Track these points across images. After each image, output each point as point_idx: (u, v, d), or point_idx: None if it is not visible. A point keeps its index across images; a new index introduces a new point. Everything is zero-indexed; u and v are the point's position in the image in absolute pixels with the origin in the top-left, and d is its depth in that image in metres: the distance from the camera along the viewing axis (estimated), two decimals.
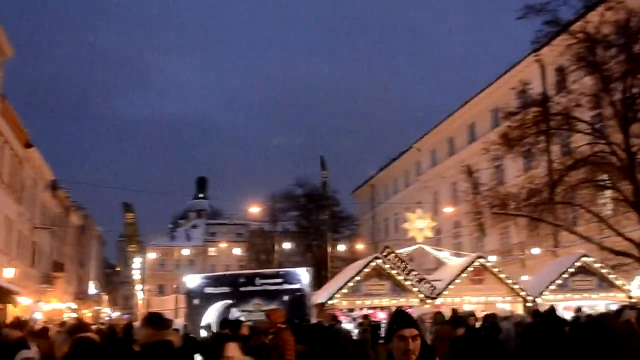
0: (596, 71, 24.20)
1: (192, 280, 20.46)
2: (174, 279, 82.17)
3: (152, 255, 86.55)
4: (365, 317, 17.83)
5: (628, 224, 24.19)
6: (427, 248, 24.18)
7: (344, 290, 18.81)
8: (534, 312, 15.08)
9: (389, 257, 19.55)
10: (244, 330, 11.47)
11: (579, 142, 26.24)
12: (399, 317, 3.76)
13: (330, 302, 18.65)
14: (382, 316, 19.32)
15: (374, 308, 19.56)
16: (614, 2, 23.95)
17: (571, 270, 18.57)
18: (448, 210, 43.68)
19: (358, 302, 19.22)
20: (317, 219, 63.42)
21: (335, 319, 15.60)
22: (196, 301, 19.87)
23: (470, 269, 18.95)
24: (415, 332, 3.66)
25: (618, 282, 18.32)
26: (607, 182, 24.83)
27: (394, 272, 18.95)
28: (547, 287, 18.43)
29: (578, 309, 17.19)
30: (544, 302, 17.80)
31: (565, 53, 25.21)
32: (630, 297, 18.12)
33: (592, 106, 25.35)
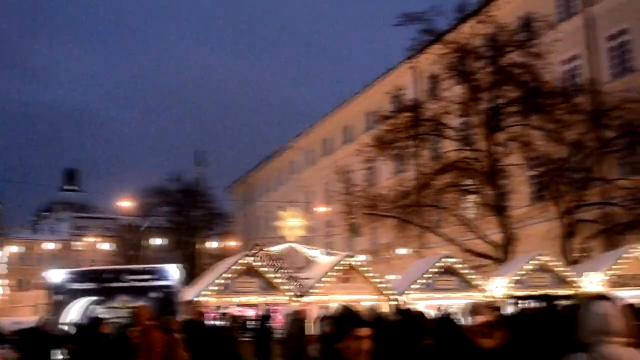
0: (466, 81, 25.28)
1: (56, 275, 19.58)
2: (36, 274, 78.50)
3: (14, 249, 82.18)
4: (232, 314, 17.79)
5: (489, 227, 25.43)
6: (298, 246, 24.36)
7: (214, 288, 18.60)
8: (398, 310, 15.52)
9: (258, 255, 19.54)
10: (104, 328, 11.11)
11: (447, 147, 27.31)
12: (352, 316, 3.60)
13: (198, 299, 18.38)
14: (251, 313, 19.31)
15: (244, 305, 19.51)
16: (485, 16, 25.09)
17: (435, 270, 19.24)
18: (321, 209, 44.24)
19: (227, 300, 19.10)
20: (190, 215, 62.41)
21: (201, 316, 15.38)
22: (59, 297, 19.04)
23: (338, 267, 19.25)
24: (370, 331, 3.49)
25: (477, 283, 19.21)
26: (472, 187, 25.97)
27: (263, 269, 18.93)
28: (412, 286, 19.06)
29: (439, 308, 17.94)
30: (408, 301, 18.39)
31: (438, 62, 26.12)
32: (486, 297, 19.05)
33: (461, 114, 26.42)
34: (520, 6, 31.93)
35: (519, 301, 18.65)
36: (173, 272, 18.55)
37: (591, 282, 18.91)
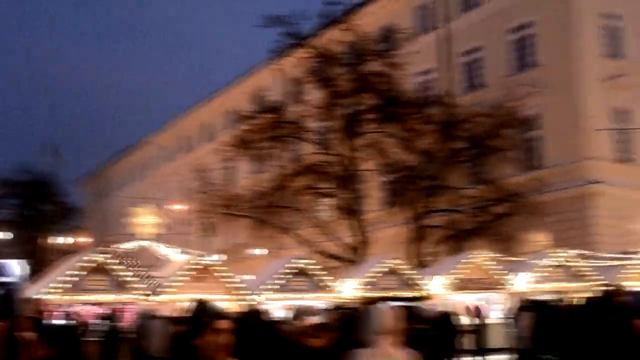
0: (326, 86, 25.76)
1: None
2: None
3: None
4: (77, 313, 17.16)
5: (344, 230, 26.05)
6: (152, 244, 23.80)
7: (59, 285, 17.79)
8: (250, 311, 15.55)
9: (109, 252, 18.90)
10: None
11: (306, 150, 27.70)
12: (209, 309, 3.38)
13: (41, 296, 17.51)
14: (99, 312, 18.67)
15: (93, 304, 18.82)
16: (348, 24, 25.69)
17: (288, 271, 19.43)
18: (178, 207, 43.51)
19: (75, 298, 18.33)
20: (39, 209, 59.47)
21: (40, 314, 14.67)
22: None
23: (192, 266, 19.00)
24: (229, 324, 3.32)
25: (329, 284, 19.60)
26: (328, 190, 26.49)
27: (113, 267, 18.33)
28: (265, 287, 19.14)
29: (291, 308, 18.12)
30: (262, 302, 18.45)
31: (300, 65, 26.43)
32: (339, 298, 19.47)
33: (322, 118, 26.86)
34: (382, 17, 33.03)
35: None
36: (15, 268, 17.57)
37: (436, 285, 19.81)
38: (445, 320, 17.33)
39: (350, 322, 11.57)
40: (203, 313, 3.38)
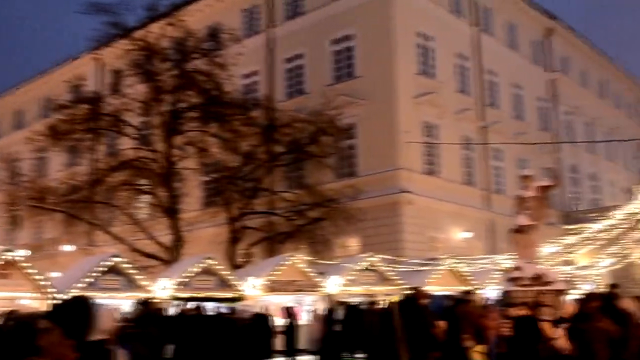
0: (150, 80, 25.16)
1: None
2: None
3: None
4: None
5: (160, 229, 25.58)
6: None
7: None
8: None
9: None
10: None
11: (125, 145, 26.90)
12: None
13: None
14: None
15: None
16: (175, 19, 25.28)
17: (100, 269, 18.73)
18: None
19: None
20: None
21: None
22: None
23: None
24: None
25: (143, 283, 19.16)
26: (146, 187, 25.90)
27: None
28: (75, 284, 18.32)
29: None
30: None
31: (123, 57, 25.62)
32: (153, 298, 19.10)
33: (142, 113, 26.21)
34: (210, 16, 32.87)
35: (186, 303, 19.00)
36: None
37: (252, 286, 20.03)
38: (260, 321, 17.58)
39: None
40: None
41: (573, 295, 17.58)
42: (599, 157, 45.09)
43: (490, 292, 21.26)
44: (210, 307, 18.49)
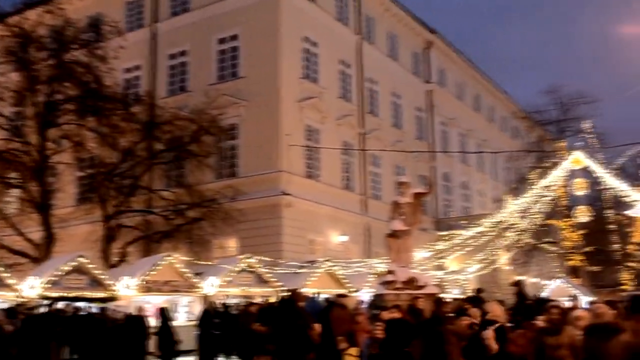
0: (24, 69, 24.08)
1: None
2: None
3: None
4: None
5: (31, 225, 24.49)
6: None
7: None
8: None
9: None
10: None
11: None
12: None
13: None
14: None
15: None
16: (55, 7, 24.34)
17: None
18: None
19: None
20: None
21: None
22: None
23: None
24: None
25: (10, 282, 18.29)
26: (16, 180, 24.75)
27: None
28: None
29: None
30: None
31: None
32: (21, 297, 18.28)
33: (15, 103, 25.06)
34: (92, 6, 31.86)
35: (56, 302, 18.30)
36: None
37: (126, 286, 19.57)
38: (133, 322, 17.20)
39: None
40: None
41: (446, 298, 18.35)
42: (471, 168, 47.27)
43: (365, 294, 21.80)
44: (81, 307, 17.96)
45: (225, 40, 30.73)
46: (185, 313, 20.77)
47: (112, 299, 19.11)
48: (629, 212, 28.25)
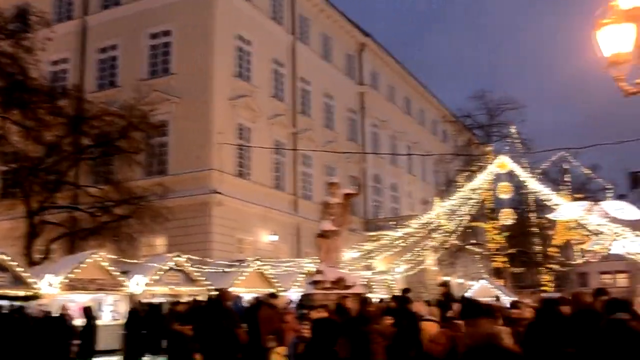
0: None
1: None
2: None
3: None
4: None
5: None
6: None
7: None
8: None
9: None
10: None
11: None
12: None
13: None
14: None
15: None
16: None
17: None
18: None
19: None
20: None
21: None
22: None
23: None
24: None
25: None
26: None
27: None
28: None
29: None
30: None
31: None
32: None
33: None
34: None
35: None
36: None
37: (50, 284, 19.08)
38: (56, 321, 16.81)
39: None
40: None
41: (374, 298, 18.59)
42: (401, 169, 47.97)
43: (294, 294, 21.89)
44: (2, 305, 17.43)
45: (157, 35, 30.31)
46: (111, 312, 20.39)
47: (34, 297, 18.58)
48: (550, 216, 29.16)
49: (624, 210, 24.76)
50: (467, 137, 43.08)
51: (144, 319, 17.76)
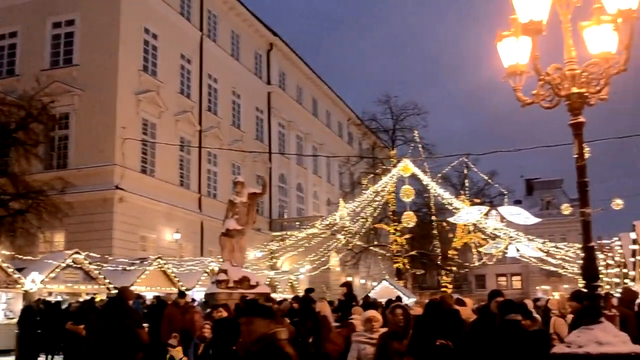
0: None
1: None
2: None
3: None
4: None
5: None
6: None
7: None
8: None
9: None
10: None
11: None
12: None
13: None
14: None
15: None
16: None
17: None
18: None
19: None
20: None
21: None
22: None
23: None
24: None
25: None
26: None
27: None
28: None
29: None
30: None
31: None
32: None
33: None
34: None
35: None
36: None
37: None
38: None
39: None
40: None
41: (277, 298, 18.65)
42: (307, 170, 48.27)
43: (197, 293, 21.70)
44: None
45: (60, 24, 29.30)
46: (4, 310, 19.62)
47: None
48: (450, 219, 30.00)
49: (520, 215, 25.78)
50: (372, 140, 43.81)
51: (40, 318, 17.15)
